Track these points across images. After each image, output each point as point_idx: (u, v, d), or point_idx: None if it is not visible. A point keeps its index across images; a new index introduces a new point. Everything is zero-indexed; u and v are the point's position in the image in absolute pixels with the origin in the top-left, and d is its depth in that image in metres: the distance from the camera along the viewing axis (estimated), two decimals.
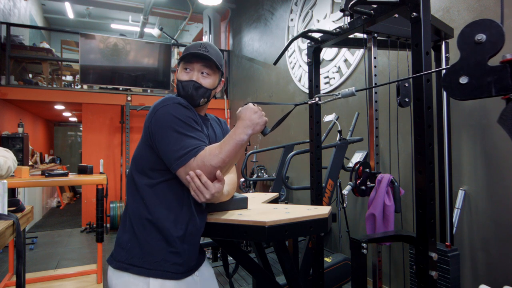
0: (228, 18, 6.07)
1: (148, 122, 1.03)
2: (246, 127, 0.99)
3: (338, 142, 2.21)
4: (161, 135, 0.99)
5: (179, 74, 1.13)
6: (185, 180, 0.97)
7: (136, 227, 1.01)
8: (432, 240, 1.15)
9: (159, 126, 0.99)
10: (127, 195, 1.08)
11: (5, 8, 5.19)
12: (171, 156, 0.97)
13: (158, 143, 1.00)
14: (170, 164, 0.98)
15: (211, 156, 0.95)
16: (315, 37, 1.74)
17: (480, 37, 0.81)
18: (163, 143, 0.99)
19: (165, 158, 0.99)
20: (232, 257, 1.27)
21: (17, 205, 1.34)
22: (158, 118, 1.00)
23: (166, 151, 0.99)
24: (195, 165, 0.95)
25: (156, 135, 1.00)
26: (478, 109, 1.91)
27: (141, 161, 1.06)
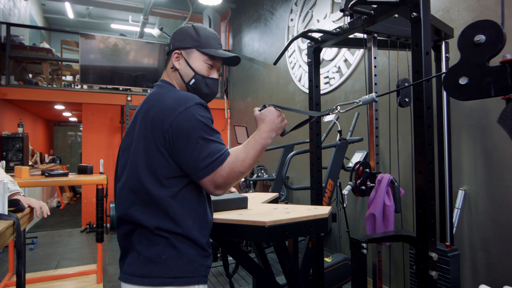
0: (228, 18, 6.07)
1: (165, 125, 0.90)
2: (271, 131, 0.99)
3: (338, 142, 2.21)
4: (185, 142, 0.90)
5: (201, 68, 1.04)
6: (211, 187, 0.92)
7: (164, 240, 0.92)
8: (432, 240, 1.15)
9: (183, 132, 0.90)
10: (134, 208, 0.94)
11: (5, 8, 5.19)
12: (197, 165, 0.90)
13: (180, 150, 0.90)
14: (195, 173, 0.91)
15: (238, 162, 0.92)
16: (315, 37, 1.74)
17: (479, 38, 0.81)
18: (188, 151, 0.90)
19: (188, 166, 0.91)
20: (232, 257, 1.27)
21: (17, 205, 1.34)
22: (181, 123, 0.90)
23: (191, 159, 0.90)
24: (223, 173, 0.90)
25: (179, 141, 0.90)
26: (478, 109, 1.91)
27: (156, 169, 0.92)
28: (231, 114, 6.06)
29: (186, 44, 1.03)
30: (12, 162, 4.58)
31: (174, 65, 1.04)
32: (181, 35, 1.05)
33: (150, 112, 0.94)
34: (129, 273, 0.93)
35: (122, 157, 1.02)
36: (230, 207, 1.25)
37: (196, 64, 1.03)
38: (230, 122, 6.04)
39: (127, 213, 0.95)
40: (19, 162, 4.63)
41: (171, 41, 1.07)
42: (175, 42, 1.05)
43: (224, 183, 0.92)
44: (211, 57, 1.04)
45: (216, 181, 0.91)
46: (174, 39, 1.06)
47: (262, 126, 0.99)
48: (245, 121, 5.32)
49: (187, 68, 1.03)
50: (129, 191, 0.96)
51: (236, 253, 1.25)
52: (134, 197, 0.95)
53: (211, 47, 1.04)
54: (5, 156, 4.58)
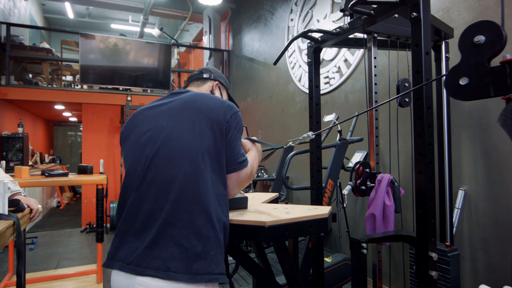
0: (228, 18, 6.07)
1: (227, 117, 1.01)
2: (259, 154, 1.25)
3: (338, 142, 2.21)
4: (236, 134, 1.03)
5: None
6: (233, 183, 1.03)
7: (214, 232, 0.91)
8: (432, 240, 1.15)
9: (237, 126, 1.04)
10: (202, 194, 0.91)
11: (5, 8, 5.20)
12: (236, 158, 1.02)
13: (231, 140, 1.02)
14: (232, 164, 1.02)
15: (254, 167, 1.11)
16: (315, 37, 1.74)
17: (478, 38, 0.81)
18: (235, 143, 1.03)
19: (229, 157, 1.01)
20: (232, 257, 1.27)
21: (17, 205, 1.34)
22: (237, 118, 1.05)
23: (234, 151, 1.02)
24: (247, 172, 1.05)
25: (232, 132, 1.02)
26: (478, 109, 1.91)
27: (217, 156, 0.98)
28: None
29: (223, 82, 1.30)
30: (12, 162, 4.58)
31: (214, 90, 1.25)
32: (220, 74, 1.31)
33: (211, 106, 1.03)
34: (160, 269, 0.85)
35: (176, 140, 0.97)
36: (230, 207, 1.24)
37: (224, 98, 1.28)
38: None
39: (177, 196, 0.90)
40: (19, 162, 4.63)
41: (212, 72, 1.27)
42: (216, 76, 1.27)
43: (244, 181, 1.06)
44: (229, 99, 1.32)
45: (241, 179, 1.04)
46: (215, 73, 1.28)
47: (254, 148, 1.24)
48: (245, 121, 5.33)
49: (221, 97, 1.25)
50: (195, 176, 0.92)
51: (236, 253, 1.25)
52: (202, 182, 0.92)
53: (229, 90, 1.34)
54: (5, 156, 4.58)
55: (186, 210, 0.89)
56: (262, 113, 4.78)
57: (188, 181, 0.91)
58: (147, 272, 0.85)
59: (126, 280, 0.90)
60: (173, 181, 0.91)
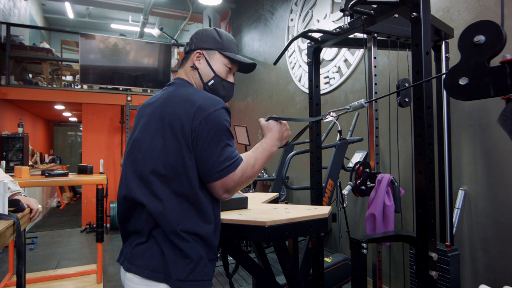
0: (228, 18, 6.07)
1: (195, 122, 0.90)
2: (277, 139, 1.05)
3: (338, 142, 2.21)
4: (208, 142, 0.90)
5: (221, 70, 1.06)
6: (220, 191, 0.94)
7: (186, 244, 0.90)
8: (432, 240, 1.15)
9: (209, 132, 0.91)
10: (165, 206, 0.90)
11: (5, 8, 5.20)
12: (213, 167, 0.91)
13: (202, 149, 0.90)
14: (209, 174, 0.91)
15: (249, 168, 0.95)
16: (315, 37, 1.74)
17: (478, 38, 0.81)
18: (209, 151, 0.91)
19: (204, 167, 0.91)
20: (232, 257, 1.27)
21: (17, 205, 1.34)
22: (211, 122, 0.91)
23: (208, 160, 0.91)
24: (235, 177, 0.93)
25: (203, 141, 0.90)
26: (478, 109, 1.91)
27: (187, 168, 0.91)
28: (231, 114, 6.05)
29: (209, 45, 1.05)
30: (12, 162, 4.58)
31: (195, 64, 1.05)
32: (204, 36, 1.06)
33: (177, 110, 0.93)
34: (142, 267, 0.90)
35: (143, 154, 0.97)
36: (230, 207, 1.25)
37: (216, 66, 1.05)
38: None
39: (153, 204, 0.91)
40: (19, 162, 4.63)
41: (192, 41, 1.07)
42: (197, 42, 1.06)
43: (233, 187, 0.94)
44: (231, 60, 1.07)
45: (227, 185, 0.93)
46: (197, 39, 1.06)
47: (270, 135, 1.04)
48: (245, 121, 5.32)
49: (207, 68, 1.05)
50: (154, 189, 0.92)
51: (236, 253, 1.25)
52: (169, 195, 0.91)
53: (232, 51, 1.07)
54: (5, 156, 4.58)
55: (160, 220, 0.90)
56: (262, 113, 4.78)
57: (150, 200, 0.91)
58: (133, 269, 0.91)
59: (123, 274, 0.97)
60: (142, 196, 0.92)
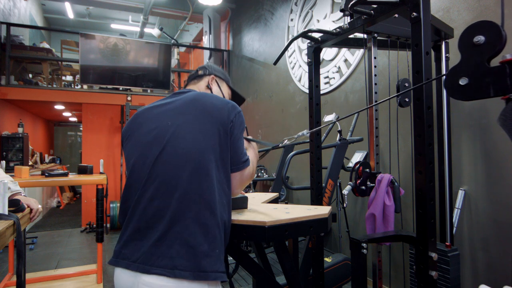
0: (228, 18, 6.07)
1: (231, 116, 1.02)
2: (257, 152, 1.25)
3: (338, 142, 2.21)
4: (240, 134, 1.04)
5: (226, 95, 1.31)
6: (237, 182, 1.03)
7: (218, 230, 0.92)
8: (432, 240, 1.15)
9: (241, 125, 1.05)
10: (207, 192, 0.91)
11: (5, 8, 5.20)
12: (240, 157, 1.02)
13: (235, 139, 1.02)
14: (236, 164, 1.02)
15: (255, 166, 1.12)
16: (315, 37, 1.74)
17: (478, 39, 0.81)
18: (240, 142, 1.03)
19: (234, 156, 1.01)
20: (232, 257, 1.27)
21: (17, 205, 1.34)
22: (241, 119, 1.06)
23: (238, 149, 1.02)
24: (250, 170, 1.06)
25: (237, 131, 1.03)
26: (478, 109, 1.91)
27: (222, 155, 0.97)
28: None
29: (220, 75, 1.30)
30: (12, 162, 4.58)
31: (210, 84, 1.25)
32: (216, 68, 1.31)
33: (213, 101, 1.04)
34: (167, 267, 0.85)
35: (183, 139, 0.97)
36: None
37: (224, 92, 1.30)
38: None
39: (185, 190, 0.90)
40: (19, 162, 4.63)
41: (207, 68, 1.28)
42: (211, 70, 1.28)
43: (246, 180, 1.06)
44: (232, 91, 1.34)
45: (244, 178, 1.04)
46: (211, 68, 1.29)
47: (251, 148, 1.22)
48: (245, 121, 5.31)
49: (219, 91, 1.27)
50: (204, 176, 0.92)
51: (236, 253, 1.25)
52: (210, 182, 0.93)
53: (231, 86, 1.35)
54: (5, 156, 4.58)
55: (192, 208, 0.89)
56: (262, 113, 4.78)
57: (193, 180, 0.91)
58: (154, 270, 0.85)
59: (131, 279, 0.89)
60: (178, 179, 0.90)
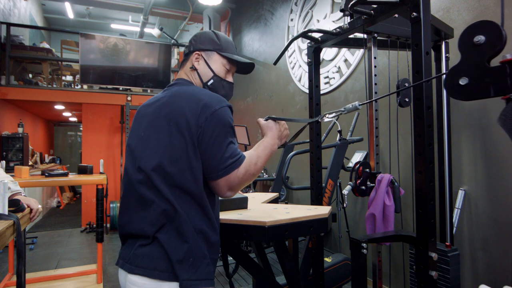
0: (228, 18, 6.07)
1: (201, 119, 0.92)
2: (277, 138, 1.08)
3: (338, 142, 2.21)
4: (214, 139, 0.92)
5: (220, 70, 1.08)
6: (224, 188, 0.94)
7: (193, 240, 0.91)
8: (432, 240, 1.15)
9: (216, 128, 0.92)
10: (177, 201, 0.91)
11: (5, 8, 5.19)
12: (219, 164, 0.92)
13: (208, 145, 0.92)
14: (214, 171, 0.93)
15: (252, 165, 0.97)
16: (315, 37, 1.74)
17: (478, 39, 0.81)
18: (215, 148, 0.92)
19: (210, 164, 0.93)
20: (232, 257, 1.27)
21: (17, 205, 1.34)
22: (216, 119, 0.93)
23: (214, 156, 0.92)
24: (239, 174, 0.94)
25: (209, 137, 0.92)
26: (478, 109, 1.91)
27: (190, 166, 0.92)
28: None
29: (207, 46, 1.08)
30: (12, 162, 4.58)
31: (194, 65, 1.08)
32: (202, 38, 1.09)
33: (183, 108, 0.94)
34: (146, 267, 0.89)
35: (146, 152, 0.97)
36: (230, 207, 1.25)
37: (215, 66, 1.08)
38: None
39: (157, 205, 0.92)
40: (19, 162, 4.63)
41: (191, 43, 1.10)
42: (196, 44, 1.09)
43: (237, 185, 0.95)
44: (229, 60, 1.09)
45: (232, 183, 0.94)
46: (195, 41, 1.10)
47: (270, 133, 1.07)
48: (245, 121, 5.32)
49: (206, 69, 1.07)
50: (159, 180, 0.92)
51: (236, 253, 1.25)
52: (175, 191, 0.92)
53: (230, 52, 1.10)
54: (5, 156, 4.58)
55: (168, 217, 0.91)
56: (262, 113, 4.78)
57: (161, 194, 0.91)
58: (137, 270, 0.90)
59: (123, 277, 0.96)
60: (151, 193, 0.93)
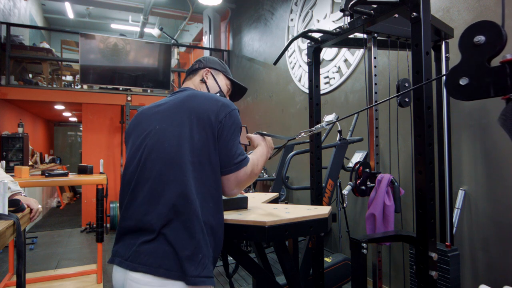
0: (228, 18, 6.07)
1: (220, 116, 0.99)
2: (269, 148, 1.20)
3: (338, 142, 2.21)
4: (231, 135, 1.01)
5: (224, 88, 1.26)
6: (232, 184, 1.00)
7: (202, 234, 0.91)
8: (432, 240, 1.15)
9: (232, 126, 1.01)
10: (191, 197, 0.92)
11: (5, 8, 5.19)
12: (232, 159, 1.00)
13: (226, 140, 0.99)
14: (228, 166, 0.99)
15: (255, 166, 1.06)
16: (315, 37, 1.74)
17: (478, 39, 0.81)
18: (231, 143, 1.00)
19: (224, 157, 0.99)
20: (232, 257, 1.27)
21: (17, 205, 1.34)
22: (233, 118, 1.02)
23: (230, 151, 1.00)
24: (247, 171, 1.02)
25: (227, 132, 1.00)
26: (478, 109, 1.91)
27: (209, 158, 0.97)
28: None
29: (216, 66, 1.27)
30: (12, 162, 4.58)
31: (204, 78, 1.23)
32: (211, 60, 1.28)
33: (204, 106, 1.01)
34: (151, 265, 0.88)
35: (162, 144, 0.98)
36: (230, 207, 1.25)
37: (221, 83, 1.26)
38: None
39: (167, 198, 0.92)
40: (19, 162, 4.63)
41: (201, 62, 1.27)
42: (206, 63, 1.26)
43: (244, 182, 1.03)
44: (231, 82, 1.31)
45: (240, 179, 1.01)
46: (205, 61, 1.27)
47: (263, 143, 1.19)
48: (245, 121, 5.32)
49: (214, 84, 1.24)
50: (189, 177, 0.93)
51: (236, 253, 1.25)
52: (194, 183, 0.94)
53: (230, 76, 1.31)
54: (5, 156, 4.58)
55: (176, 212, 0.91)
56: (262, 113, 4.78)
57: (177, 184, 0.92)
58: (140, 268, 0.89)
59: (122, 275, 0.94)
60: (164, 184, 0.93)
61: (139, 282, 0.89)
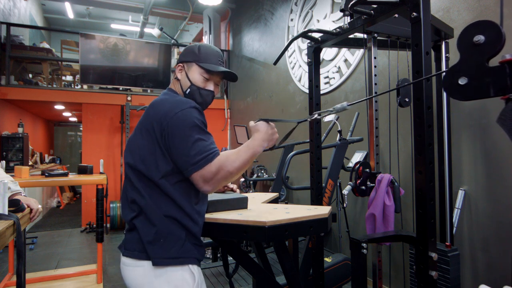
0: (228, 18, 6.07)
1: (163, 125, 1.02)
2: (263, 140, 1.09)
3: (338, 142, 2.21)
4: (179, 139, 1.01)
5: (197, 79, 1.16)
6: (200, 183, 1.02)
7: (160, 222, 1.04)
8: (432, 240, 1.15)
9: (178, 130, 1.01)
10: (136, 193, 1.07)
11: (5, 8, 5.19)
12: (187, 160, 1.00)
13: (174, 146, 1.02)
14: (185, 168, 1.01)
15: (228, 162, 1.01)
16: (315, 37, 1.74)
17: (478, 38, 0.81)
18: (181, 147, 1.01)
19: (180, 162, 1.02)
20: (232, 257, 1.27)
21: (17, 205, 1.34)
22: (176, 122, 1.01)
23: (182, 155, 1.01)
24: (212, 169, 1.00)
25: (174, 138, 1.01)
26: (478, 109, 1.91)
27: (158, 163, 1.05)
28: (231, 114, 6.06)
29: (188, 58, 1.18)
30: (12, 162, 4.58)
31: (177, 75, 1.20)
32: (186, 51, 1.21)
33: (151, 115, 1.07)
34: (130, 249, 1.06)
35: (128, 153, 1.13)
36: (230, 207, 1.25)
37: (193, 76, 1.17)
38: (230, 122, 6.05)
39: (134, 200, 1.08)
40: (19, 162, 4.63)
41: (179, 56, 1.22)
42: (180, 57, 1.20)
43: (212, 179, 1.01)
44: (207, 71, 1.17)
45: (206, 177, 1.01)
46: (181, 54, 1.21)
47: (256, 135, 1.10)
48: (245, 121, 5.32)
49: (186, 79, 1.17)
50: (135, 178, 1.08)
51: (236, 253, 1.25)
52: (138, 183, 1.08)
53: (209, 62, 1.17)
54: (5, 156, 4.58)
55: (139, 207, 1.07)
56: (262, 113, 4.78)
57: (133, 188, 1.08)
58: (126, 253, 1.08)
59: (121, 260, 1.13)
60: (127, 186, 1.11)
61: (125, 264, 1.08)
